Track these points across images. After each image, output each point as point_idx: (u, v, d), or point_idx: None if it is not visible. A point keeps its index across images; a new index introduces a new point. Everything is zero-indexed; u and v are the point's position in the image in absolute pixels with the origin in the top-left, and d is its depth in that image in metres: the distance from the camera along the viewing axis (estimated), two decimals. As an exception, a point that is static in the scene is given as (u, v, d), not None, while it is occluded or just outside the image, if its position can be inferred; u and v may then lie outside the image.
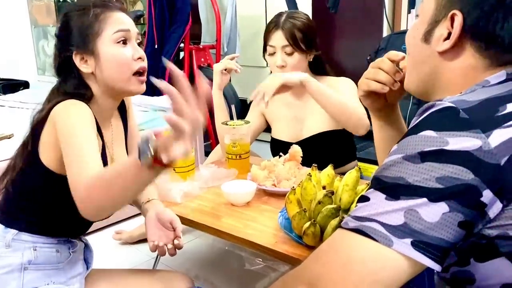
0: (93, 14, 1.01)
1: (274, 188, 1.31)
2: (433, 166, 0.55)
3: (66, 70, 1.04)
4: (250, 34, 3.45)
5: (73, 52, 1.02)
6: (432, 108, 0.60)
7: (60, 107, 0.98)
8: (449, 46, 0.66)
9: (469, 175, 0.54)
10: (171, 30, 2.88)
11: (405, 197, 0.56)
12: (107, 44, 1.01)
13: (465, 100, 0.58)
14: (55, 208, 1.04)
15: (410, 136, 0.59)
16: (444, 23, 0.66)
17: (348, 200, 1.07)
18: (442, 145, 0.55)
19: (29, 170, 1.02)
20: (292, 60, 1.50)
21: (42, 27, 3.95)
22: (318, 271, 0.59)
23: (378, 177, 0.61)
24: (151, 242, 1.06)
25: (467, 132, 0.55)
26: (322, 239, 0.98)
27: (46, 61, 3.98)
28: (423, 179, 0.55)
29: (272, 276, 1.65)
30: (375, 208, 0.58)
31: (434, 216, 0.54)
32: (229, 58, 1.63)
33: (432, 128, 0.57)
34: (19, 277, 1.00)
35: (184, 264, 1.82)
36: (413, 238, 0.55)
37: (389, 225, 0.56)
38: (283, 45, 1.50)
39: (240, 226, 1.14)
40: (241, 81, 3.60)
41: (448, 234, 0.55)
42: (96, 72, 1.03)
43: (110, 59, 1.01)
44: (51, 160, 1.00)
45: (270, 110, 1.68)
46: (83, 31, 1.01)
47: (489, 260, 0.57)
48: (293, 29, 1.49)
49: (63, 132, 0.94)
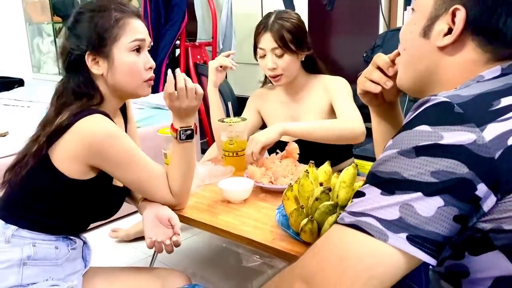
0: (114, 18, 1.02)
1: (271, 185, 1.31)
2: (428, 160, 0.55)
3: (76, 68, 1.05)
4: (246, 31, 3.43)
5: (86, 51, 1.03)
6: (426, 103, 0.60)
7: (91, 127, 1.00)
8: (450, 41, 0.65)
9: (463, 169, 0.54)
10: (167, 27, 2.88)
11: (400, 192, 0.56)
12: (122, 51, 1.04)
13: (459, 94, 0.59)
14: (59, 208, 1.04)
15: (405, 131, 0.59)
16: (445, 18, 0.66)
17: (345, 196, 1.07)
18: (436, 140, 0.55)
19: (40, 171, 1.02)
20: (282, 62, 1.49)
21: (36, 25, 3.93)
22: (315, 267, 0.59)
23: (373, 172, 0.61)
24: (149, 238, 1.07)
25: (462, 126, 0.55)
26: (319, 235, 0.98)
27: (41, 58, 3.95)
28: (418, 174, 0.55)
29: (269, 273, 1.65)
30: (370, 203, 0.58)
31: (429, 211, 0.54)
32: (224, 55, 1.62)
33: (427, 123, 0.57)
34: (18, 272, 1.00)
35: (181, 261, 1.82)
36: (408, 233, 0.55)
37: (385, 220, 0.56)
38: (272, 47, 1.47)
39: (237, 223, 1.14)
40: (237, 78, 3.60)
41: (443, 228, 0.55)
42: (107, 75, 1.05)
43: (123, 66, 1.04)
44: (66, 167, 1.01)
45: (266, 108, 1.68)
46: (101, 33, 1.02)
47: (483, 253, 0.58)
48: (281, 30, 1.46)
49: (117, 160, 1.02)
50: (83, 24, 1.04)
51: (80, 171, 1.02)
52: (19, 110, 2.65)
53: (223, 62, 1.59)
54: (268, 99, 1.68)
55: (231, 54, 1.63)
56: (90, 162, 1.02)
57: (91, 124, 1.00)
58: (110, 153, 1.01)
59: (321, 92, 1.55)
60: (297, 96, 1.61)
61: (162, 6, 2.90)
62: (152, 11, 2.90)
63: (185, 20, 2.89)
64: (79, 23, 1.04)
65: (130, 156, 1.04)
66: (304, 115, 1.59)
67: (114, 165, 1.03)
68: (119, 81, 1.06)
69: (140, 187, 1.11)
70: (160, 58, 2.83)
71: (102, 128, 1.00)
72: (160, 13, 2.90)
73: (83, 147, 0.99)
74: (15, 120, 2.34)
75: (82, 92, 1.04)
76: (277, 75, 1.51)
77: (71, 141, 1.00)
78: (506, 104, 0.57)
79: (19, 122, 2.29)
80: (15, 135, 2.12)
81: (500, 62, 0.65)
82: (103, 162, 1.02)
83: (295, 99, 1.61)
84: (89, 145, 0.99)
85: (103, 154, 1.00)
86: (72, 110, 1.01)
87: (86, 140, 0.99)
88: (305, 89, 1.59)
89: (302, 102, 1.59)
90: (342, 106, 1.47)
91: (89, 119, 1.00)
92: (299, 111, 1.61)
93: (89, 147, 0.99)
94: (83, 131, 0.99)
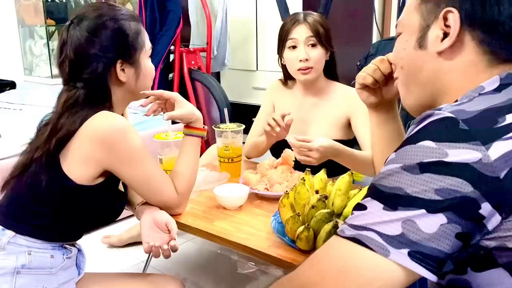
0: (136, 26, 1.07)
1: (266, 192, 1.31)
2: (432, 177, 0.55)
3: (94, 75, 1.03)
4: (241, 37, 3.46)
5: (117, 60, 1.04)
6: (431, 117, 0.59)
7: (101, 123, 1.00)
8: (450, 43, 0.65)
9: (468, 188, 0.53)
10: (162, 32, 2.88)
11: (403, 208, 0.56)
12: (145, 58, 1.10)
13: (464, 110, 0.58)
14: (62, 213, 1.04)
15: (409, 145, 0.58)
16: (437, 25, 0.66)
17: (340, 204, 1.08)
18: (441, 157, 0.55)
19: (48, 176, 1.01)
20: (315, 53, 1.49)
21: (29, 27, 3.90)
22: (314, 278, 0.59)
23: (375, 186, 0.60)
24: (146, 243, 1.06)
25: (467, 144, 0.54)
26: (315, 243, 0.99)
27: (33, 61, 3.92)
28: (421, 190, 0.55)
29: (264, 280, 1.65)
30: (372, 218, 0.58)
31: (432, 227, 0.54)
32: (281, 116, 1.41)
33: (432, 139, 0.56)
34: (11, 280, 0.99)
35: (175, 267, 1.81)
36: (410, 249, 0.55)
37: (386, 235, 0.56)
38: (307, 36, 1.49)
39: (232, 229, 1.14)
40: (231, 85, 3.61)
41: (446, 245, 0.55)
42: (133, 81, 1.08)
43: (147, 72, 1.11)
44: (76, 172, 1.00)
45: (280, 104, 1.66)
46: (131, 42, 1.06)
47: (487, 270, 0.58)
48: (316, 23, 1.50)
49: (129, 155, 1.02)
50: (109, 32, 1.03)
51: (90, 175, 1.01)
52: (12, 113, 2.62)
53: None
54: (285, 95, 1.66)
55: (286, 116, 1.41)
56: (102, 161, 1.01)
57: (101, 121, 1.00)
58: (122, 147, 1.00)
59: (342, 102, 1.53)
60: (313, 100, 1.59)
61: (157, 12, 2.90)
62: (148, 16, 2.91)
63: (180, 25, 2.90)
64: (103, 30, 1.03)
65: (141, 152, 1.04)
66: (318, 122, 1.57)
67: (126, 161, 1.02)
68: (142, 87, 1.11)
69: (148, 185, 1.09)
70: (155, 63, 2.82)
71: (113, 122, 1.01)
72: (155, 19, 2.90)
73: (96, 145, 0.99)
74: (7, 123, 2.32)
75: (96, 99, 1.04)
76: (308, 67, 1.50)
77: (82, 142, 0.99)
78: (511, 121, 0.57)
79: (12, 125, 2.27)
80: (8, 138, 2.10)
81: (499, 67, 0.64)
82: (114, 159, 1.01)
83: (311, 103, 1.59)
84: (101, 141, 0.99)
85: (115, 149, 1.00)
86: (82, 115, 1.01)
87: (98, 136, 0.99)
88: (323, 93, 1.57)
89: (319, 108, 1.57)
90: (366, 134, 1.40)
91: (97, 116, 1.01)
92: (314, 116, 1.58)
93: (102, 143, 0.99)
94: (94, 127, 0.99)
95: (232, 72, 3.55)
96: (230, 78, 3.63)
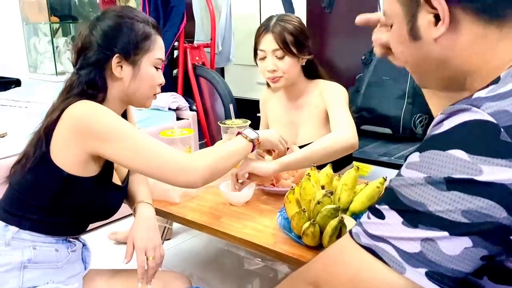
0: (149, 32, 1.09)
1: (273, 188, 1.31)
2: (460, 196, 0.48)
3: (94, 65, 1.05)
4: (245, 33, 3.44)
5: (115, 54, 1.04)
6: (465, 115, 0.50)
7: (77, 110, 1.00)
8: (446, 26, 0.57)
9: (502, 213, 0.47)
10: (166, 28, 2.87)
11: (424, 227, 0.50)
12: (148, 63, 1.09)
13: (507, 110, 0.49)
14: (59, 207, 1.04)
15: (436, 150, 0.51)
16: (423, 10, 0.58)
17: (347, 199, 1.07)
18: (474, 174, 0.48)
19: (40, 167, 1.02)
20: (283, 64, 1.46)
21: (33, 24, 3.90)
22: (325, 278, 0.58)
23: (395, 192, 0.54)
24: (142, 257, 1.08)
25: (506, 161, 0.47)
26: (321, 239, 0.98)
27: (38, 58, 3.94)
28: (446, 210, 0.49)
29: (271, 277, 1.65)
30: (390, 231, 0.53)
31: (454, 250, 0.49)
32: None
33: (465, 148, 0.48)
34: (19, 275, 1.00)
35: (181, 263, 1.82)
36: (428, 268, 0.50)
37: (404, 252, 0.51)
38: (273, 48, 1.45)
39: (239, 226, 1.14)
40: (236, 80, 3.60)
41: (467, 266, 0.50)
42: (128, 80, 1.08)
43: (146, 77, 1.10)
44: (64, 160, 1.00)
45: (269, 112, 1.68)
46: (137, 42, 1.06)
47: (504, 284, 0.54)
48: (283, 32, 1.44)
49: (107, 134, 0.99)
50: (122, 28, 1.06)
51: (77, 162, 1.00)
52: (17, 110, 2.63)
53: None
54: (272, 101, 1.68)
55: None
56: (82, 146, 1.00)
57: (78, 107, 1.01)
58: (96, 127, 0.99)
59: (318, 98, 1.53)
60: (296, 102, 1.59)
61: (161, 7, 2.90)
62: (151, 12, 2.90)
63: (184, 21, 2.89)
64: (116, 25, 1.06)
65: (118, 126, 1.00)
66: (304, 123, 1.57)
67: (106, 140, 0.98)
68: (137, 89, 1.09)
69: (140, 156, 1.00)
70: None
71: (84, 108, 1.01)
72: (159, 14, 2.90)
73: (72, 132, 0.99)
74: (13, 121, 2.33)
75: (92, 88, 1.04)
76: (276, 77, 1.49)
77: (63, 128, 1.00)
78: None
79: (17, 122, 2.27)
80: (14, 136, 2.11)
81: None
82: (94, 142, 0.99)
83: (295, 106, 1.60)
84: (75, 128, 0.99)
85: (92, 132, 0.98)
86: (68, 102, 1.01)
87: (72, 123, 0.99)
88: (304, 95, 1.57)
89: (302, 109, 1.57)
90: (335, 115, 1.43)
91: (76, 104, 1.01)
92: (299, 118, 1.59)
93: (76, 130, 0.99)
94: (69, 114, 1.00)
95: (236, 68, 3.54)
96: (234, 73, 3.62)
